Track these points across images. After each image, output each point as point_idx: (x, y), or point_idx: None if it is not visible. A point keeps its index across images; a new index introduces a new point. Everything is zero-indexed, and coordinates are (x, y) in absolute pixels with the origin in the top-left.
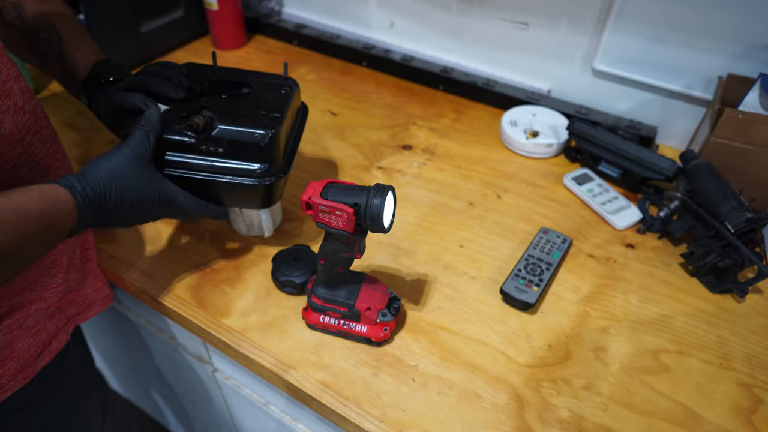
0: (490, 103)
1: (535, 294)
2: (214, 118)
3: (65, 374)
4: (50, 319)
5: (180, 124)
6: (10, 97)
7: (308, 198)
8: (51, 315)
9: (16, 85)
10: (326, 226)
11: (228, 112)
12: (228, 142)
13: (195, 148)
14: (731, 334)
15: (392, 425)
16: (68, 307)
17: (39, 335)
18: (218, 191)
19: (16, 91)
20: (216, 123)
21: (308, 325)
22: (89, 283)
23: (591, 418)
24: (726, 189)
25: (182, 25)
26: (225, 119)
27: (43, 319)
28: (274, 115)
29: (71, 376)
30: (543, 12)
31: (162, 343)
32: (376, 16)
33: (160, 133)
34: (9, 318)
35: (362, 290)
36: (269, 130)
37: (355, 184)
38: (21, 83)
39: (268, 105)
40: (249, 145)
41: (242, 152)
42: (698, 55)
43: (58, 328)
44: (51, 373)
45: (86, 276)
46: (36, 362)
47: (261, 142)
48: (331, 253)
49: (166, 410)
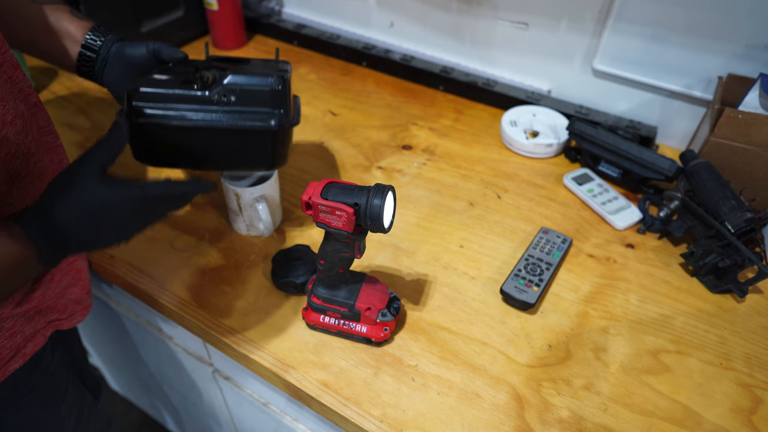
0: (490, 103)
1: (535, 294)
2: (224, 72)
3: (39, 377)
4: (28, 322)
5: (190, 80)
6: (10, 97)
7: (308, 198)
8: (29, 318)
9: (16, 86)
10: (326, 226)
11: (236, 71)
12: (241, 90)
13: (207, 100)
14: (731, 334)
15: (392, 425)
16: (50, 312)
17: (14, 338)
18: (228, 146)
19: (17, 90)
20: (228, 74)
21: (308, 325)
22: (77, 287)
23: (591, 418)
24: (726, 189)
25: (182, 25)
26: (235, 73)
27: (20, 322)
28: (281, 68)
29: (45, 378)
30: (543, 12)
31: (162, 343)
32: (376, 16)
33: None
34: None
35: (362, 290)
36: (280, 77)
37: (355, 184)
38: (23, 82)
39: (271, 69)
40: (262, 92)
41: (255, 100)
42: (698, 55)
43: (35, 331)
44: (22, 375)
45: (74, 279)
46: (8, 365)
47: (275, 86)
48: (331, 253)
49: (166, 410)
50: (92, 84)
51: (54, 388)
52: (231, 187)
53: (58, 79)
